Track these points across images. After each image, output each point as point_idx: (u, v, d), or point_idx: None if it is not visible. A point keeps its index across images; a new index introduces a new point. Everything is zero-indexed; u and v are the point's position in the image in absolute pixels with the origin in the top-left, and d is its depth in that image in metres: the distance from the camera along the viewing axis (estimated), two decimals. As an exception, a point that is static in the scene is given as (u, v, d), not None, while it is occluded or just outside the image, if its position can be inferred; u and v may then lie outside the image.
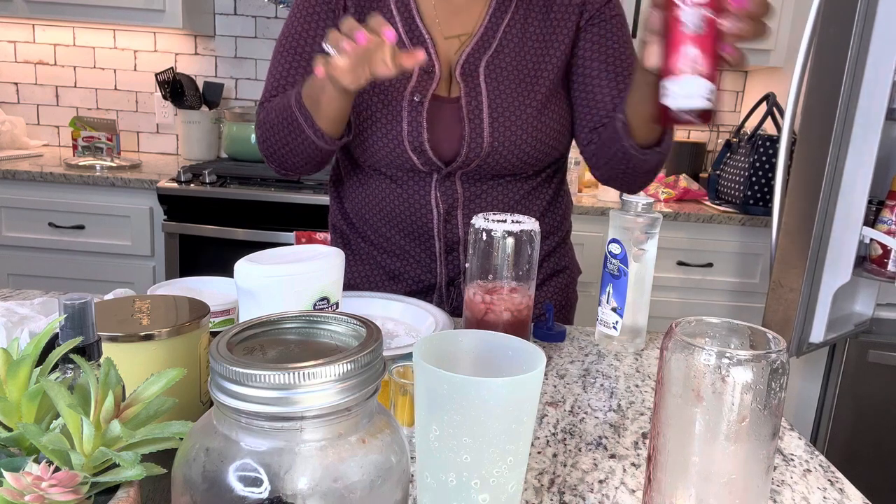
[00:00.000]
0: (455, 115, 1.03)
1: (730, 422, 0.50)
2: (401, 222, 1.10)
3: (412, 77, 1.03)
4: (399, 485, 0.40)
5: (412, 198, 1.07)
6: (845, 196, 1.57)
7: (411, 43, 1.04)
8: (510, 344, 0.51)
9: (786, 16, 2.42)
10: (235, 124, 2.59)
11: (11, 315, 0.73)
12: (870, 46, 1.50)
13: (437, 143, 1.03)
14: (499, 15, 1.05)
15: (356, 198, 1.13)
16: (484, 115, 1.02)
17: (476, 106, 1.02)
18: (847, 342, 1.81)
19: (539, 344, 0.97)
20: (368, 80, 0.85)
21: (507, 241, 0.79)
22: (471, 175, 1.06)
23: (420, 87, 1.03)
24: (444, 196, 1.07)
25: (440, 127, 1.03)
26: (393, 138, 1.03)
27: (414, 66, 0.84)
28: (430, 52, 1.03)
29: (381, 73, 0.83)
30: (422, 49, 0.90)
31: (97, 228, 2.30)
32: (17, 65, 2.81)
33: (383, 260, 1.15)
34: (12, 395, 0.42)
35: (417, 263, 1.13)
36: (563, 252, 1.20)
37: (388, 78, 0.95)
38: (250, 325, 0.41)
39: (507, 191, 1.09)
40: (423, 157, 1.03)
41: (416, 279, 1.14)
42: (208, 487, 0.36)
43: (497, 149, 1.03)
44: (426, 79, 1.03)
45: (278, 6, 2.74)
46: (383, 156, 1.05)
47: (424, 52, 0.87)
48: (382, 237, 1.13)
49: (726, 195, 2.43)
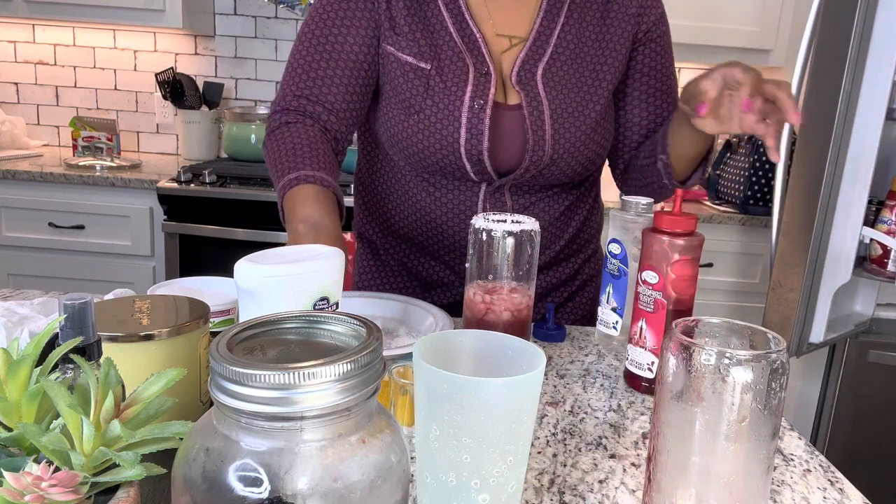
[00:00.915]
0: (517, 125, 0.98)
1: (730, 422, 0.50)
2: (441, 232, 1.05)
3: (468, 80, 0.97)
4: (399, 485, 0.40)
5: (457, 208, 1.03)
6: (845, 196, 1.57)
7: (463, 41, 0.98)
8: (510, 344, 0.51)
9: (786, 16, 2.42)
10: (235, 124, 2.59)
11: (11, 315, 0.73)
12: (870, 46, 1.50)
13: (495, 153, 0.98)
14: (551, 17, 1.00)
15: (391, 205, 1.08)
16: (546, 126, 0.97)
17: (538, 116, 0.97)
18: (847, 342, 1.81)
19: (539, 344, 0.97)
20: None
21: (507, 241, 0.79)
22: (520, 186, 1.02)
23: (479, 92, 0.97)
24: (492, 207, 1.02)
25: (501, 136, 0.98)
26: (448, 144, 0.97)
27: None
28: (482, 51, 0.98)
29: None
30: None
31: (97, 228, 2.30)
32: (17, 65, 2.81)
33: (416, 269, 1.11)
34: (12, 395, 0.42)
35: (455, 274, 1.09)
36: (595, 261, 1.18)
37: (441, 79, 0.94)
38: (250, 325, 0.41)
39: (553, 202, 1.06)
40: (477, 166, 0.98)
41: (452, 290, 1.10)
42: (208, 487, 0.36)
43: (556, 161, 0.99)
44: (483, 82, 0.97)
45: (278, 6, 2.74)
46: (434, 161, 0.99)
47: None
48: (417, 246, 1.09)
49: (726, 195, 2.43)
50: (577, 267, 1.15)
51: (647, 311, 0.81)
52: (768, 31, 2.44)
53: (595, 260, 1.18)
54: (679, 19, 2.41)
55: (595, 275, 1.18)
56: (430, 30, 0.99)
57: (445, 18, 0.99)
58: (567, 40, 1.01)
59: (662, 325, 0.80)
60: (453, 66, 0.97)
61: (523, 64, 0.99)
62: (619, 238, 0.92)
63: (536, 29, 1.00)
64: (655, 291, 0.80)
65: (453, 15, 0.99)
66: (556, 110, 0.98)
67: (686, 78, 2.82)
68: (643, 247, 0.82)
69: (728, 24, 2.42)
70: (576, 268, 1.15)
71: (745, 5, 2.41)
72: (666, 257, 0.79)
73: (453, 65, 0.98)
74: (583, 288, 1.17)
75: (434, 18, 0.99)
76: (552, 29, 1.00)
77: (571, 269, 1.14)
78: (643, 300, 0.81)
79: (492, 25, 1.00)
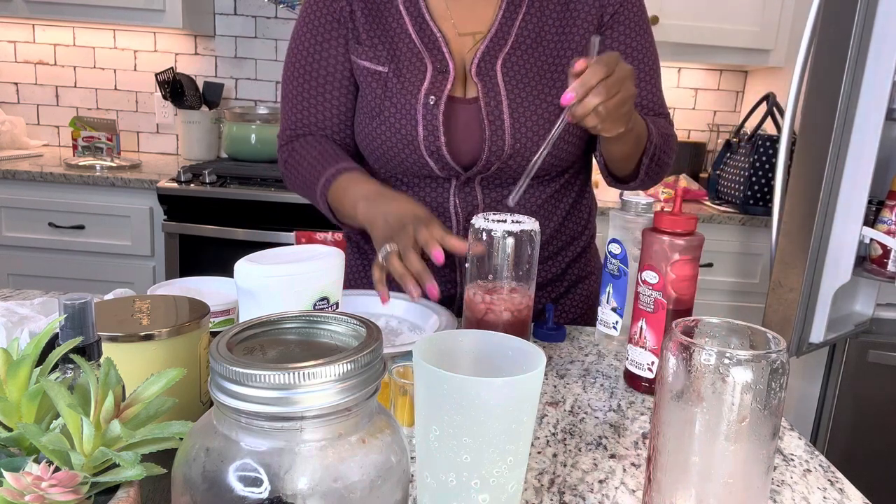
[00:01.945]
0: (473, 117, 0.99)
1: (730, 422, 0.50)
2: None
3: (426, 77, 0.99)
4: (399, 485, 0.40)
5: (430, 206, 1.04)
6: (845, 196, 1.57)
7: (422, 41, 1.00)
8: (510, 344, 0.51)
9: (786, 16, 2.42)
10: (235, 124, 2.58)
11: (11, 315, 0.73)
12: (870, 46, 1.50)
13: (454, 147, 0.99)
14: (513, 9, 1.01)
15: None
16: (504, 116, 0.98)
17: (495, 106, 0.98)
18: (847, 342, 1.80)
19: (539, 344, 0.97)
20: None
21: (507, 241, 0.79)
22: (491, 180, 1.02)
23: (434, 88, 0.98)
24: (462, 203, 1.03)
25: (458, 130, 0.99)
26: (409, 143, 0.99)
27: (464, 253, 0.83)
28: (442, 50, 1.00)
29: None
30: (478, 245, 0.81)
31: (97, 228, 2.30)
32: (17, 65, 2.81)
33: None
34: (12, 395, 0.42)
35: (436, 274, 1.08)
36: (588, 257, 1.17)
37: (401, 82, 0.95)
38: (250, 325, 0.41)
39: (530, 195, 1.05)
40: (440, 161, 0.99)
41: (440, 285, 1.11)
42: (208, 487, 0.36)
43: (519, 150, 0.99)
44: (440, 79, 0.99)
45: (278, 6, 2.74)
46: (399, 161, 1.01)
47: (481, 247, 0.81)
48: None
49: (726, 195, 2.43)
50: (566, 265, 1.14)
51: (647, 311, 0.81)
52: (768, 31, 2.44)
53: (587, 256, 1.17)
54: (679, 19, 2.41)
55: (589, 273, 1.17)
56: (389, 34, 1.02)
57: (405, 21, 1.01)
58: (528, 30, 1.01)
59: (662, 325, 0.80)
60: (411, 67, 1.00)
61: (484, 56, 1.00)
62: (619, 238, 0.92)
63: (498, 21, 1.01)
64: (655, 291, 0.80)
65: (413, 16, 1.01)
66: (515, 100, 0.98)
67: (686, 78, 2.83)
68: (643, 247, 0.82)
69: (728, 24, 2.42)
70: (564, 266, 1.14)
71: (745, 5, 2.41)
72: (666, 257, 0.79)
73: (411, 65, 1.00)
74: (575, 286, 1.16)
75: (394, 22, 1.01)
76: (513, 20, 1.01)
77: (559, 266, 1.13)
78: (643, 300, 0.81)
79: (453, 25, 1.02)
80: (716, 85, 2.84)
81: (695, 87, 2.84)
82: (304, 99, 1.05)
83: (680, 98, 2.84)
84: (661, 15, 2.39)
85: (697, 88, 2.84)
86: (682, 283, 0.79)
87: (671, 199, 2.45)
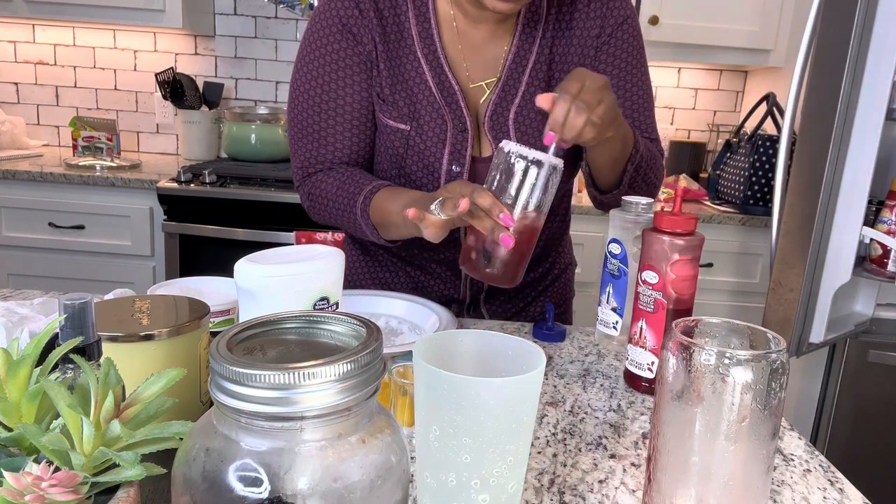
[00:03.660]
0: None
1: (730, 422, 0.50)
2: (426, 244, 1.06)
3: (447, 138, 0.99)
4: (399, 485, 0.40)
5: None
6: (845, 196, 1.57)
7: (441, 94, 1.00)
8: (510, 344, 0.51)
9: (786, 16, 2.42)
10: (235, 124, 2.58)
11: (11, 315, 0.73)
12: (870, 46, 1.50)
13: None
14: (522, 55, 1.01)
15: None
16: None
17: None
18: (847, 342, 1.80)
19: (539, 344, 0.97)
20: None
21: (531, 169, 0.80)
22: None
23: (457, 155, 1.00)
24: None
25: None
26: (430, 197, 0.98)
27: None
28: (460, 105, 1.00)
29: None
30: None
31: (97, 228, 2.30)
32: (17, 65, 2.81)
33: (405, 270, 1.13)
34: (12, 395, 0.42)
35: (441, 280, 1.11)
36: (564, 247, 1.20)
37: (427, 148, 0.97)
38: (250, 325, 0.41)
39: None
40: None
41: (439, 293, 1.12)
42: (208, 487, 0.36)
43: None
44: (461, 139, 1.00)
45: (278, 6, 2.74)
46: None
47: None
48: (408, 252, 1.11)
49: (726, 195, 2.43)
50: (550, 261, 1.17)
51: (647, 311, 0.81)
52: (768, 31, 2.43)
53: (564, 247, 1.20)
54: (679, 19, 2.41)
55: (568, 264, 1.21)
56: (409, 84, 1.00)
57: (424, 70, 1.00)
58: (539, 78, 1.01)
59: (662, 325, 0.80)
60: (432, 124, 1.00)
61: (496, 108, 1.01)
62: (619, 238, 0.92)
63: (507, 66, 1.01)
64: (655, 291, 0.80)
65: (431, 65, 1.00)
66: None
67: (686, 78, 2.83)
68: (643, 247, 0.82)
69: (728, 24, 2.42)
70: (549, 264, 1.18)
71: (745, 5, 2.41)
72: (666, 257, 0.79)
73: (432, 121, 1.00)
74: (559, 278, 1.20)
75: (413, 71, 1.00)
76: (524, 66, 1.01)
77: (545, 267, 1.17)
78: (643, 300, 0.81)
79: (466, 70, 1.01)
80: (716, 85, 2.84)
81: (695, 87, 2.84)
82: (322, 137, 1.02)
83: (680, 98, 2.84)
84: (661, 15, 2.39)
85: (697, 88, 2.84)
86: (682, 283, 0.79)
87: (671, 199, 2.45)
